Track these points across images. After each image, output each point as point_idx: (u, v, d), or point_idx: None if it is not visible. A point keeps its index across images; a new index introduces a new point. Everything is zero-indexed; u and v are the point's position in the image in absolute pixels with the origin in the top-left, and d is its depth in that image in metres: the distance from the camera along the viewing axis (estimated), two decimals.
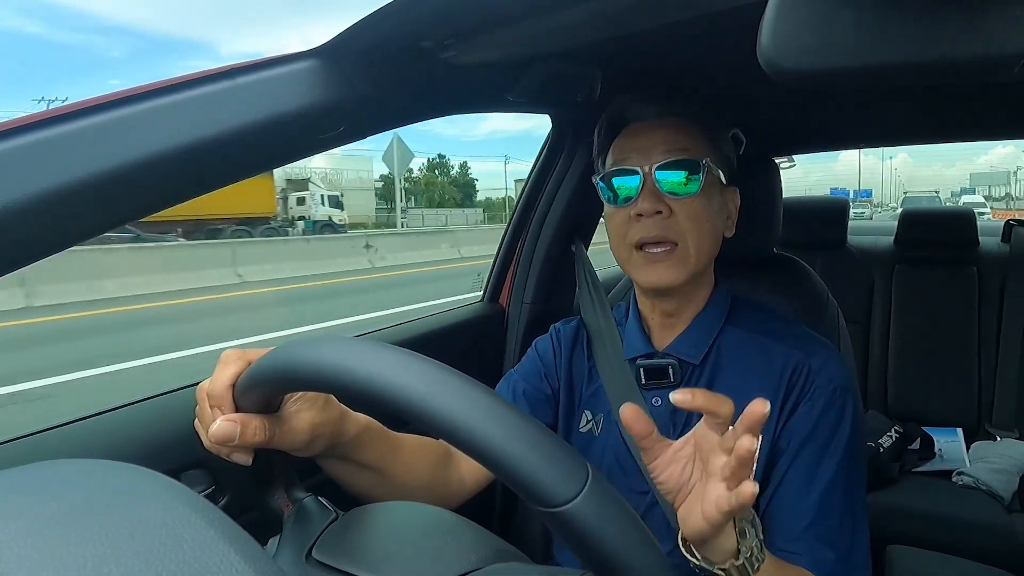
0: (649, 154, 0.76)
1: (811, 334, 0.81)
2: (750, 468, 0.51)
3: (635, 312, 0.86)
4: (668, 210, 0.75)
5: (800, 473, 0.72)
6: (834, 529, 0.70)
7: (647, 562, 0.36)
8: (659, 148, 0.76)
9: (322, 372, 0.41)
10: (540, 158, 1.36)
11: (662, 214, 0.75)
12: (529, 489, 0.36)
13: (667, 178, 0.75)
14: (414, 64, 0.71)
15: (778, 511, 0.72)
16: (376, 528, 0.51)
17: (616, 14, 0.63)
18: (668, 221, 0.75)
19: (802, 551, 0.69)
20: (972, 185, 58.95)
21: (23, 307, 8.16)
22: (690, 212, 0.75)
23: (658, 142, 0.76)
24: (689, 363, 0.80)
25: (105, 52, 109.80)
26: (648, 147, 0.77)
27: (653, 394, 0.81)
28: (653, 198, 0.75)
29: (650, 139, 0.77)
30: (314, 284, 10.63)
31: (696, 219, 0.76)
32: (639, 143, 0.78)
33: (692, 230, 0.75)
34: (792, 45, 0.39)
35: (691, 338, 0.81)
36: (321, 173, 35.86)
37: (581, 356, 0.91)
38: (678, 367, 0.80)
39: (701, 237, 0.76)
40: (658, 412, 0.80)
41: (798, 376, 0.75)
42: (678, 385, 0.79)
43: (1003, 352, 1.98)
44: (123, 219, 0.55)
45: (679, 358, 0.80)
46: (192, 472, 0.79)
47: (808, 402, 0.74)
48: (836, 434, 0.73)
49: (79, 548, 0.24)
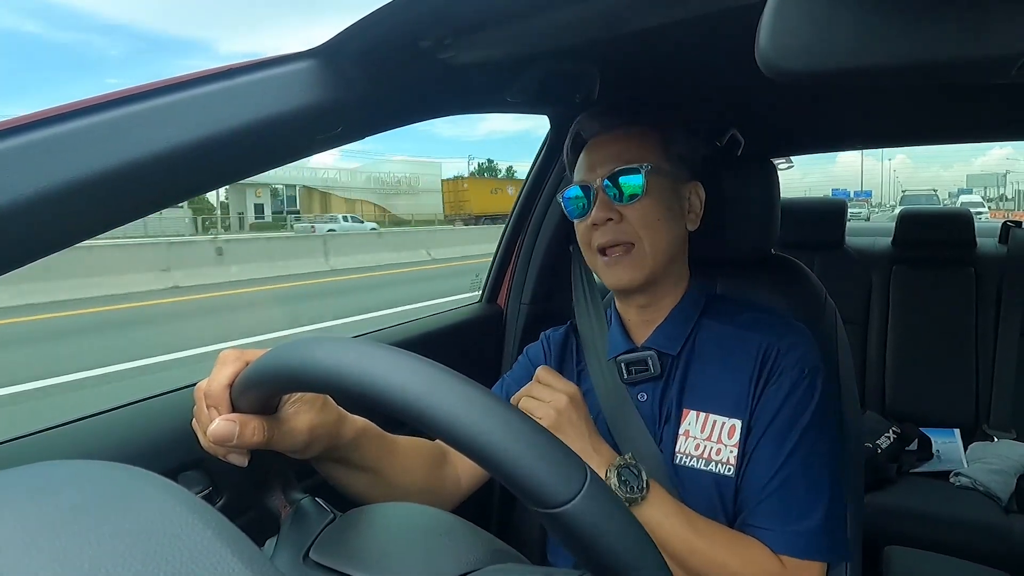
0: (597, 169, 0.83)
1: (786, 320, 0.85)
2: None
3: (615, 314, 0.91)
4: (619, 216, 0.81)
5: (766, 451, 0.75)
6: (796, 504, 0.72)
7: (645, 563, 0.36)
8: (607, 162, 0.82)
9: (321, 373, 0.41)
10: (538, 159, 1.36)
11: (613, 220, 0.81)
12: (527, 490, 0.35)
13: (612, 188, 0.81)
14: (412, 64, 0.71)
15: (745, 488, 0.75)
16: (374, 529, 0.51)
17: (614, 14, 0.63)
18: (621, 225, 0.81)
19: (762, 525, 0.72)
20: (968, 186, 59.67)
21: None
22: (640, 214, 0.81)
23: (607, 157, 0.83)
24: (667, 354, 0.84)
25: (104, 51, 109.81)
26: (598, 162, 0.83)
27: (638, 389, 0.84)
28: (604, 208, 0.81)
29: (600, 154, 0.84)
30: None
31: (646, 219, 0.81)
32: (592, 160, 0.85)
33: (645, 230, 0.81)
34: (790, 46, 0.39)
35: (667, 331, 0.85)
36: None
37: (570, 361, 0.94)
38: (656, 358, 0.83)
39: (656, 235, 0.81)
40: (644, 407, 0.83)
41: (768, 358, 0.79)
42: (659, 377, 0.83)
43: (1000, 353, 1.98)
44: (122, 218, 0.55)
45: (657, 350, 0.84)
46: (189, 473, 0.79)
47: (776, 383, 0.77)
48: (803, 413, 0.76)
49: (76, 549, 0.24)
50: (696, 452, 0.78)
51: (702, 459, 0.77)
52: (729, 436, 0.77)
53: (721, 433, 0.78)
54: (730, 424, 0.77)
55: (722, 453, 0.77)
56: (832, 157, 65.27)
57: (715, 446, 0.77)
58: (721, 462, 0.77)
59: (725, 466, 0.76)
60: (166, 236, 17.15)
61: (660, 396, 0.82)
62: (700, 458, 0.77)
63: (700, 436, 0.78)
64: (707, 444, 0.78)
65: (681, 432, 0.79)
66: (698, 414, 0.79)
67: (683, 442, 0.79)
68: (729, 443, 0.77)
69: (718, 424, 0.78)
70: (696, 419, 0.79)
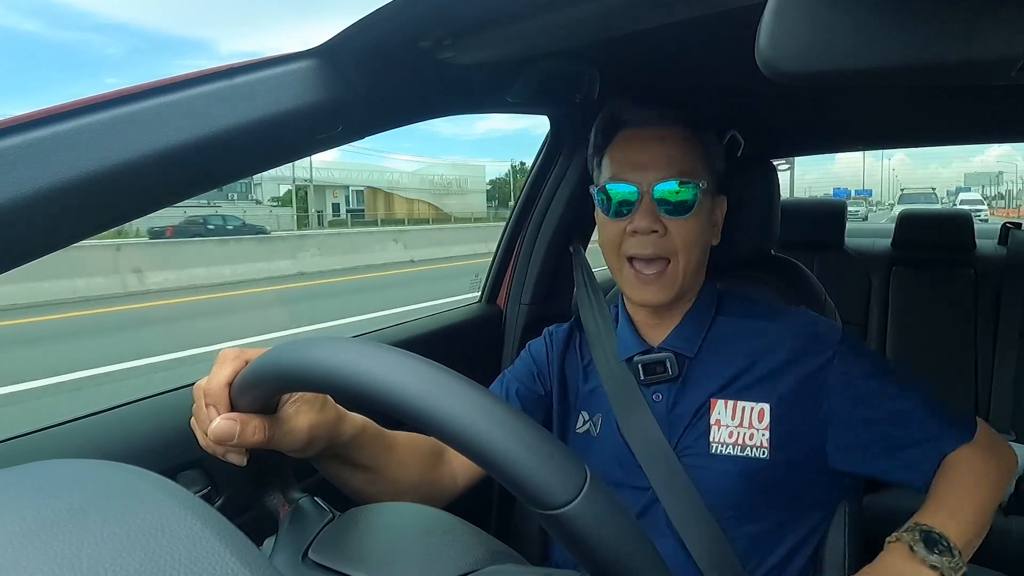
0: (648, 169, 0.78)
1: (800, 309, 0.85)
2: None
3: (624, 314, 0.89)
4: (663, 229, 0.78)
5: (873, 407, 0.76)
6: (933, 417, 0.75)
7: (645, 565, 0.36)
8: (658, 165, 0.78)
9: (320, 372, 0.41)
10: (538, 159, 1.36)
11: (657, 233, 0.78)
12: (526, 491, 0.35)
13: (665, 199, 0.77)
14: (412, 64, 0.71)
15: (871, 444, 0.76)
16: (373, 529, 0.51)
17: (614, 14, 0.63)
18: (663, 240, 0.78)
19: (924, 441, 0.74)
20: (967, 184, 60.17)
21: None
22: (685, 232, 0.78)
23: (657, 159, 0.78)
24: (685, 356, 0.82)
25: (103, 50, 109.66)
26: (647, 163, 0.78)
27: (653, 390, 0.83)
28: (650, 217, 0.77)
29: (649, 154, 0.79)
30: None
31: (689, 238, 0.79)
32: (638, 157, 0.80)
33: (684, 249, 0.79)
34: (790, 47, 0.39)
35: (684, 332, 0.84)
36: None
37: (574, 357, 0.92)
38: (674, 360, 0.82)
39: (691, 254, 0.80)
40: (658, 408, 0.82)
41: (800, 342, 0.79)
42: (676, 378, 0.82)
43: (999, 355, 1.98)
44: (121, 218, 0.55)
45: (675, 351, 0.82)
46: (188, 473, 0.79)
47: (819, 356, 0.78)
48: (870, 362, 0.78)
49: (74, 549, 0.23)
50: (731, 440, 0.78)
51: (737, 445, 0.78)
52: (759, 420, 0.77)
53: (752, 418, 0.78)
54: (759, 408, 0.78)
55: (755, 437, 0.77)
56: (832, 155, 65.39)
57: (747, 431, 0.78)
58: (755, 446, 0.77)
59: (759, 449, 0.77)
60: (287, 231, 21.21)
61: (677, 397, 0.82)
62: (735, 445, 0.78)
63: (732, 424, 0.78)
64: (740, 431, 0.78)
65: (712, 422, 0.79)
66: (726, 403, 0.79)
67: (716, 432, 0.79)
68: (760, 426, 0.77)
69: (747, 409, 0.78)
70: (725, 408, 0.79)
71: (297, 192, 36.70)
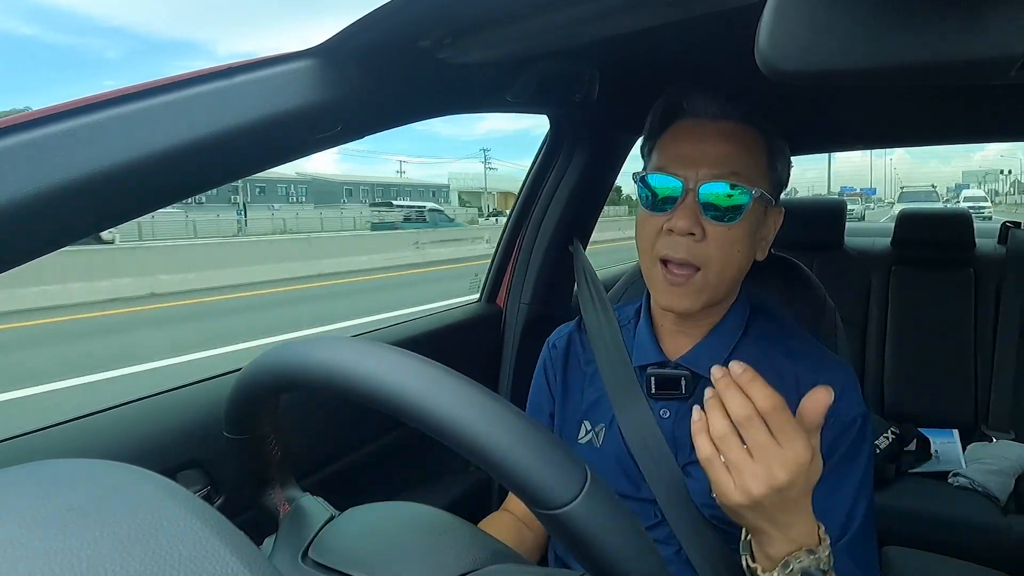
0: (698, 165, 0.71)
1: (828, 355, 0.78)
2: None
3: (647, 315, 0.83)
4: (702, 232, 0.70)
5: (822, 495, 0.72)
6: (860, 548, 0.69)
7: (645, 565, 0.36)
8: (709, 161, 0.71)
9: (320, 372, 0.41)
10: (538, 158, 1.36)
11: (695, 236, 0.70)
12: (527, 491, 0.35)
13: (710, 199, 0.70)
14: (411, 64, 0.71)
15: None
16: (372, 528, 0.51)
17: (614, 14, 0.63)
18: (699, 245, 0.71)
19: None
20: (965, 182, 60.37)
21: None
22: (724, 239, 0.71)
23: (710, 154, 0.71)
24: (701, 376, 0.76)
25: (101, 53, 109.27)
26: (698, 157, 0.71)
27: (661, 405, 0.78)
28: (690, 217, 0.70)
29: (703, 147, 0.72)
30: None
31: (728, 247, 0.71)
32: (690, 149, 0.72)
33: (719, 258, 0.71)
34: (790, 46, 0.39)
35: (707, 351, 0.77)
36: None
37: (577, 363, 0.89)
38: (691, 379, 0.76)
39: (726, 264, 0.72)
40: (664, 424, 0.77)
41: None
42: (688, 398, 0.76)
43: (999, 354, 1.98)
44: (120, 218, 0.55)
45: (692, 370, 0.77)
46: (187, 472, 0.79)
47: (829, 430, 0.70)
48: (856, 461, 0.71)
49: (74, 548, 0.23)
50: None
51: None
52: None
53: None
54: None
55: None
56: (833, 154, 65.44)
57: None
58: None
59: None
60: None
61: (687, 419, 0.76)
62: None
63: None
64: None
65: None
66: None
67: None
68: None
69: None
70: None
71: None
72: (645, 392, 0.78)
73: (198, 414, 0.83)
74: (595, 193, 1.40)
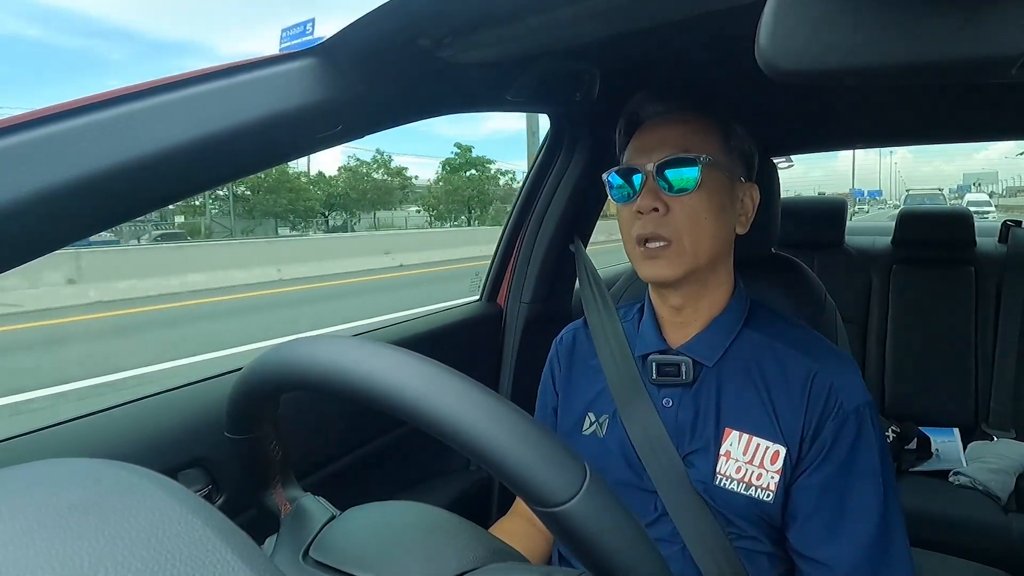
0: (652, 153, 0.77)
1: (831, 347, 0.80)
2: None
3: (649, 308, 0.86)
4: (665, 207, 0.76)
5: (824, 490, 0.72)
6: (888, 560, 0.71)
7: (645, 563, 0.36)
8: (663, 147, 0.76)
9: (320, 372, 0.41)
10: (539, 157, 1.36)
11: (659, 211, 0.76)
12: (527, 489, 0.35)
13: (666, 176, 0.76)
14: (412, 63, 0.71)
15: (800, 521, 0.73)
16: (373, 527, 0.51)
17: (614, 13, 0.63)
18: (665, 218, 0.76)
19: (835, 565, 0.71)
20: (965, 183, 60.43)
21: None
22: (687, 209, 0.75)
23: (663, 141, 0.77)
24: (702, 364, 0.79)
25: (105, 55, 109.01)
26: (653, 146, 0.78)
27: (664, 395, 0.80)
28: (651, 196, 0.76)
29: (657, 138, 0.78)
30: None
31: (693, 216, 0.75)
32: (646, 143, 0.79)
33: (687, 227, 0.75)
34: (790, 45, 0.39)
35: (708, 340, 0.80)
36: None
37: (582, 360, 0.91)
38: (691, 366, 0.79)
39: (698, 234, 0.76)
40: (667, 413, 0.79)
41: (822, 390, 0.74)
42: (690, 384, 0.79)
43: (1000, 352, 1.98)
44: (120, 218, 0.55)
45: (693, 358, 0.79)
46: (189, 471, 0.79)
47: (834, 420, 0.73)
48: (863, 452, 0.73)
49: (75, 548, 0.23)
50: (737, 475, 0.74)
51: (742, 483, 0.74)
52: (772, 461, 0.73)
53: (764, 457, 0.74)
54: (774, 449, 0.74)
55: (763, 478, 0.74)
56: (834, 153, 65.49)
57: (757, 470, 0.74)
58: (761, 487, 0.74)
59: (764, 491, 0.73)
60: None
61: (689, 407, 0.79)
62: (740, 481, 0.74)
63: (742, 459, 0.74)
64: (749, 468, 0.74)
65: (722, 452, 0.75)
66: (740, 435, 0.75)
67: (724, 463, 0.75)
68: (771, 468, 0.73)
69: (761, 448, 0.74)
70: (739, 440, 0.75)
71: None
72: (648, 380, 0.81)
73: (199, 413, 0.83)
74: (595, 192, 1.40)
